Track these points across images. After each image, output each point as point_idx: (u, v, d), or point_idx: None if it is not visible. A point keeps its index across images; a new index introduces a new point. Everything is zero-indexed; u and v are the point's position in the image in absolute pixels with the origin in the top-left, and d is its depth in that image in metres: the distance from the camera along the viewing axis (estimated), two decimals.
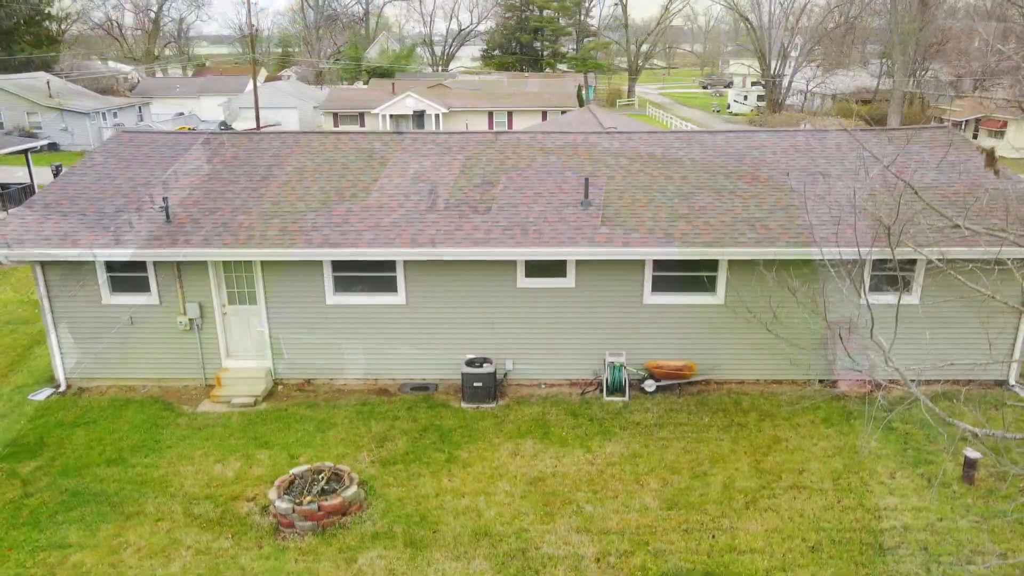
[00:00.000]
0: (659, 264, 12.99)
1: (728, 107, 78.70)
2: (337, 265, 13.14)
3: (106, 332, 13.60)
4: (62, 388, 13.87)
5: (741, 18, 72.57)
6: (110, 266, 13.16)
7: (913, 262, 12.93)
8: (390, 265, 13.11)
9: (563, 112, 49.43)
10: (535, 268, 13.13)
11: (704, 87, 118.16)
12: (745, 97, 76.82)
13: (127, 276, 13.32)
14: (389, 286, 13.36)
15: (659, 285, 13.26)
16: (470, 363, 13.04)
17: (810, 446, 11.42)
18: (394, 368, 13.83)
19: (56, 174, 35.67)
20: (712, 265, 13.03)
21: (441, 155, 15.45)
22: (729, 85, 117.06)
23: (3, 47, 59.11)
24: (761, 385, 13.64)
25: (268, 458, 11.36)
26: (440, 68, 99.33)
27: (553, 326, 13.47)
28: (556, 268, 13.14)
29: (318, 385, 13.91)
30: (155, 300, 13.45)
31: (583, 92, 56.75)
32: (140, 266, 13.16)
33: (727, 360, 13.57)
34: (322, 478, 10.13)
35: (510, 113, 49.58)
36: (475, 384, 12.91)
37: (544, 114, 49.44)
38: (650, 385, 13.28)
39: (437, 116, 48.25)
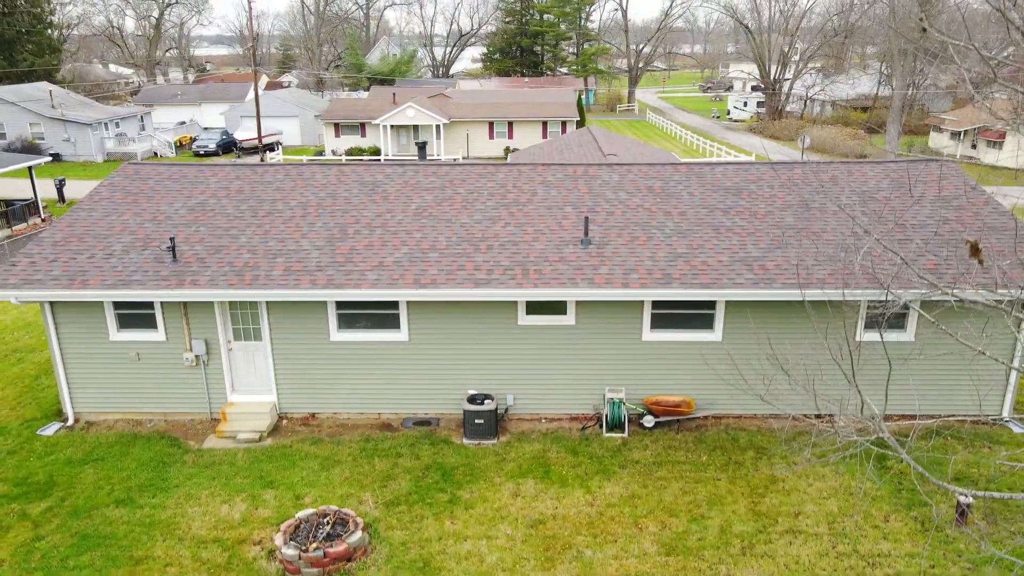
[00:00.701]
0: (658, 302, 13.20)
1: (728, 113, 78.91)
2: (341, 303, 13.36)
3: (113, 367, 13.83)
4: (70, 422, 14.09)
5: (740, 25, 72.65)
6: (118, 304, 13.39)
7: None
8: (393, 303, 13.32)
9: (563, 123, 49.69)
10: (536, 306, 13.35)
11: (704, 90, 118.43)
12: (745, 103, 77.00)
13: (134, 313, 13.54)
14: (392, 323, 13.57)
15: (658, 322, 13.47)
16: (471, 400, 13.25)
17: (806, 487, 11.62)
18: (397, 403, 14.04)
19: (60, 189, 35.92)
20: (710, 303, 13.25)
21: (442, 188, 15.67)
22: (729, 89, 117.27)
23: (5, 56, 59.32)
24: (759, 420, 13.85)
25: (274, 498, 11.58)
26: (441, 73, 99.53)
27: (553, 362, 13.69)
28: (557, 306, 13.35)
29: (322, 419, 14.12)
30: (162, 337, 13.66)
31: (583, 100, 56.90)
32: (147, 304, 13.39)
33: (725, 395, 13.78)
34: (327, 522, 10.34)
35: (510, 123, 49.77)
36: (476, 421, 13.12)
37: (544, 124, 49.66)
38: (649, 421, 13.49)
39: (438, 127, 48.43)
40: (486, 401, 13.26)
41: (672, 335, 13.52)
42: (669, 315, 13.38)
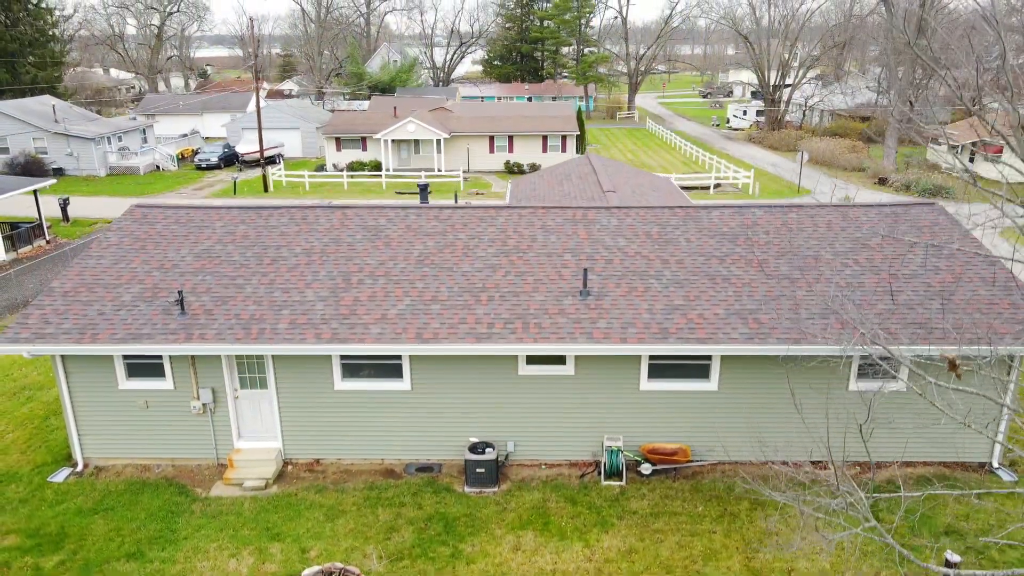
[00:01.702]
0: (655, 354, 13.50)
1: (728, 121, 79.17)
2: (346, 355, 13.65)
3: (122, 415, 14.13)
4: (79, 468, 14.40)
5: (740, 36, 72.92)
6: (127, 355, 13.68)
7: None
8: (396, 355, 13.62)
9: (563, 138, 49.97)
10: (536, 357, 13.65)
11: (704, 96, 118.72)
12: (744, 112, 77.28)
13: (143, 363, 13.85)
14: (395, 373, 13.88)
15: (655, 372, 13.77)
16: (473, 449, 13.56)
17: (799, 540, 11.91)
18: (400, 449, 14.35)
19: (63, 208, 36.21)
20: (707, 355, 13.54)
21: (444, 233, 15.96)
22: (729, 94, 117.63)
23: (8, 69, 59.62)
24: (754, 467, 14.14)
25: (280, 552, 11.88)
26: (441, 79, 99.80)
27: (553, 411, 14.00)
28: (556, 357, 13.65)
29: (326, 465, 14.43)
30: (170, 385, 13.97)
31: (583, 109, 57.16)
32: (156, 355, 13.68)
33: (721, 442, 14.08)
34: None
35: (511, 137, 50.07)
36: (478, 470, 13.43)
37: (544, 139, 49.96)
38: (646, 468, 13.79)
39: (439, 142, 48.72)
40: (487, 450, 13.57)
41: (669, 385, 13.82)
42: (666, 365, 13.69)
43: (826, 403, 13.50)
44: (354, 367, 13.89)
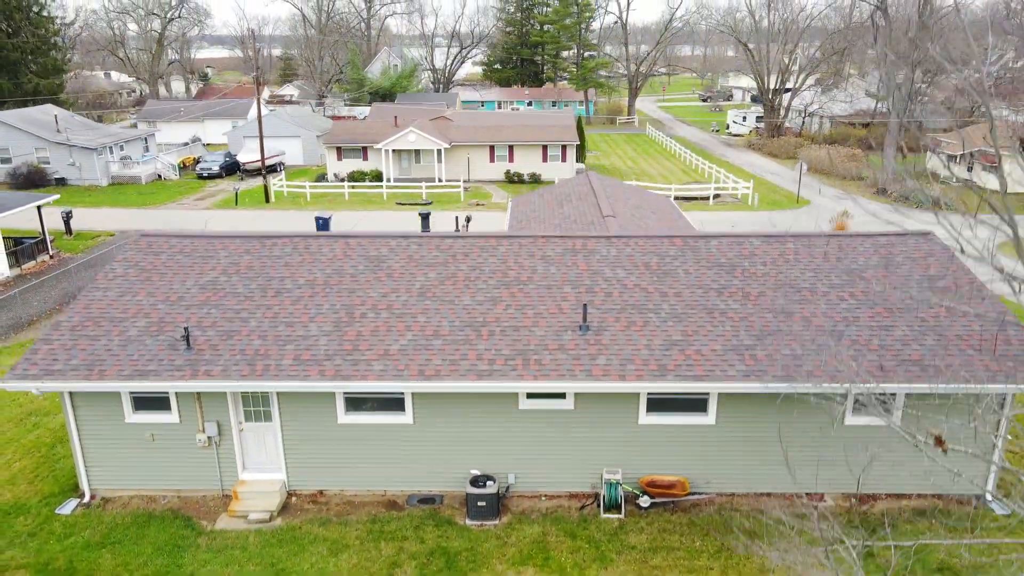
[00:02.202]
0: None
1: (728, 127, 79.36)
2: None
3: (129, 447, 14.35)
4: (87, 499, 14.62)
5: (740, 44, 73.08)
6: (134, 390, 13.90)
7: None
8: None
9: (563, 147, 50.15)
10: (536, 392, 13.85)
11: (704, 100, 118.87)
12: (744, 118, 77.47)
13: (149, 397, 14.07)
14: (398, 407, 14.10)
15: (654, 406, 13.99)
16: (474, 482, 13.78)
17: None
18: (402, 481, 14.57)
19: (67, 221, 36.42)
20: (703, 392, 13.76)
21: (445, 264, 16.17)
22: (729, 98, 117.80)
23: (10, 77, 59.84)
24: (751, 498, 14.37)
25: None
26: (442, 84, 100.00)
27: (553, 444, 14.21)
28: (556, 392, 13.86)
29: (330, 496, 14.65)
30: (176, 419, 14.19)
31: (584, 113, 57.33)
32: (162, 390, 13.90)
33: (719, 474, 14.31)
34: None
35: (511, 147, 50.26)
36: (479, 504, 13.65)
37: (544, 148, 50.15)
38: (645, 501, 14.02)
39: (439, 151, 48.94)
40: (488, 483, 13.78)
41: (667, 419, 14.04)
42: (665, 399, 13.90)
43: (821, 438, 13.75)
44: (357, 401, 14.11)
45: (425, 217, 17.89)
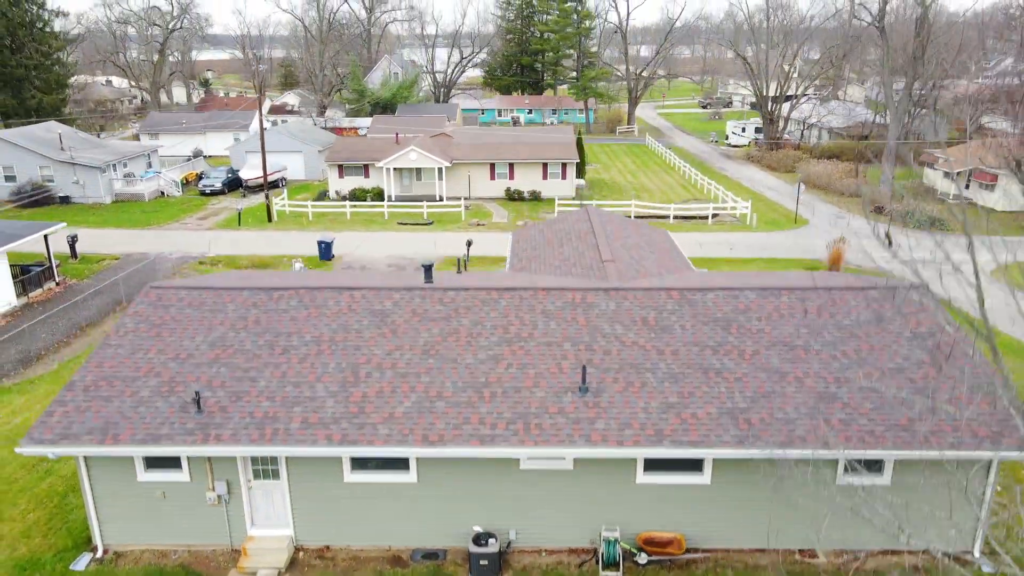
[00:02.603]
0: None
1: (727, 138, 79.74)
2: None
3: (141, 504, 14.77)
4: (99, 554, 15.04)
5: (738, 56, 73.43)
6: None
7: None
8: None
9: (563, 165, 50.52)
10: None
11: (703, 107, 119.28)
12: (743, 128, 77.86)
13: (161, 457, 14.48)
14: (402, 466, 14.51)
15: (651, 466, 14.40)
16: (476, 540, 14.20)
17: None
18: (406, 537, 14.99)
19: (72, 245, 36.83)
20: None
21: (448, 319, 16.56)
22: (728, 104, 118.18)
23: (14, 94, 60.23)
24: (745, 554, 14.79)
25: None
26: (442, 94, 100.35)
27: (553, 502, 14.63)
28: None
29: (336, 551, 15.07)
30: (186, 478, 14.60)
31: (582, 138, 57.74)
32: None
33: (714, 531, 14.73)
34: None
35: (511, 165, 50.65)
36: (481, 562, 14.08)
37: (545, 166, 50.54)
38: (642, 558, 14.43)
39: (440, 170, 49.33)
40: (490, 540, 14.21)
41: (664, 478, 14.45)
42: (662, 460, 14.31)
43: (814, 496, 14.15)
44: (363, 461, 14.52)
45: (428, 268, 18.31)
